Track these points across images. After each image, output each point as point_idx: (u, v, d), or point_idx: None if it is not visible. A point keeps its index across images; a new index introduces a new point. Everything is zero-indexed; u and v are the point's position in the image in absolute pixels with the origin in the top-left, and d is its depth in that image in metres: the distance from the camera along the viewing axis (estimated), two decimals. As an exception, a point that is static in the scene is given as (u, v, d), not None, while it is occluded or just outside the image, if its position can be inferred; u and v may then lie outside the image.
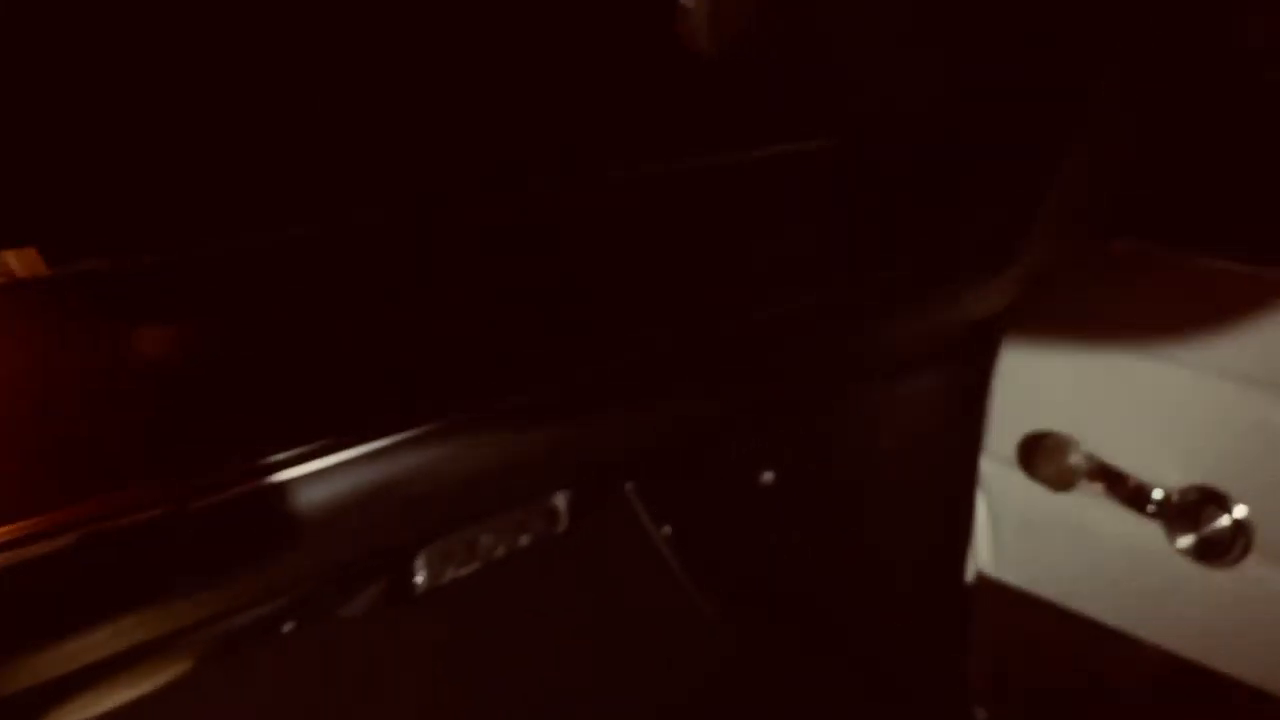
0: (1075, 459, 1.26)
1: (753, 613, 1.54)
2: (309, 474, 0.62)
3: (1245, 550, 1.17)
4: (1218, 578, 1.20)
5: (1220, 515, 1.18)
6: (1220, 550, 1.18)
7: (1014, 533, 1.36)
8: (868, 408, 1.36)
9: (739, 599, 1.54)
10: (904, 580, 1.44)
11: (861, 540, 1.44)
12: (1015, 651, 1.41)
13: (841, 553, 1.46)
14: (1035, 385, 1.30)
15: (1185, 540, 1.21)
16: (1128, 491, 1.23)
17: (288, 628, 0.94)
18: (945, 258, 1.04)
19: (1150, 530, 1.23)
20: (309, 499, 0.63)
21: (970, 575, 1.40)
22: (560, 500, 1.05)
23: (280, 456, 0.62)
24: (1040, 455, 1.28)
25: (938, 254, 1.03)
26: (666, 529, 1.54)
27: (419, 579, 0.95)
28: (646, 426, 0.86)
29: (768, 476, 1.45)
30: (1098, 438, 1.26)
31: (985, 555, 1.40)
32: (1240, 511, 1.17)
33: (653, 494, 1.54)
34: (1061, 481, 1.27)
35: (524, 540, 1.02)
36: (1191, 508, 1.19)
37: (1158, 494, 1.22)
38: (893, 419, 1.35)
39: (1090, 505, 1.28)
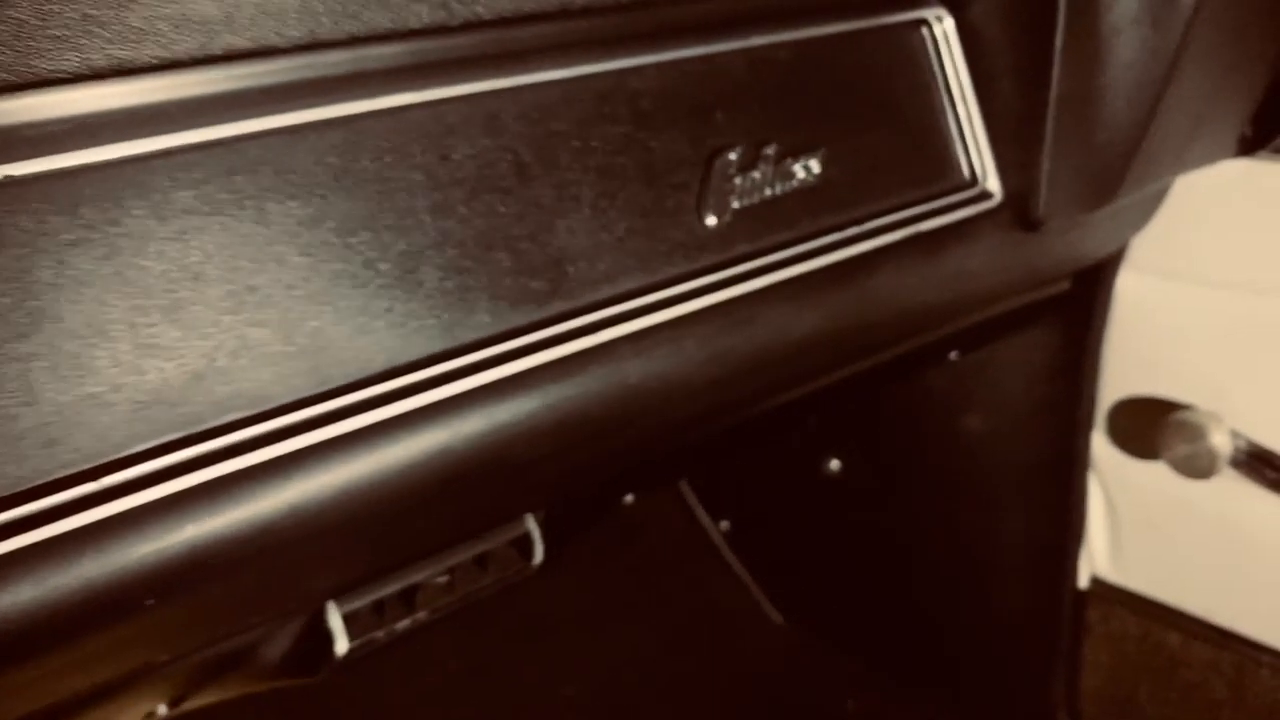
0: (1218, 439, 1.15)
1: (818, 616, 1.55)
2: None
3: None
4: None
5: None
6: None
7: (1136, 529, 1.32)
8: (948, 379, 1.30)
9: (803, 600, 1.56)
10: (999, 586, 1.39)
11: (944, 538, 1.42)
12: (1138, 672, 1.36)
13: (920, 552, 1.44)
14: (1160, 345, 1.24)
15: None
16: (1285, 479, 1.17)
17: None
18: (1032, 174, 0.91)
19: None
20: None
21: (1084, 580, 1.36)
22: (531, 524, 0.89)
23: None
24: (1171, 433, 1.18)
25: (1027, 170, 0.91)
26: (724, 524, 1.58)
27: (338, 645, 0.79)
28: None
29: (833, 465, 1.45)
30: (1245, 411, 1.17)
31: (1102, 556, 1.36)
32: None
33: (708, 486, 1.59)
34: (1198, 466, 1.17)
35: (485, 583, 0.88)
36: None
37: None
38: (980, 391, 1.30)
39: (1235, 495, 1.21)
